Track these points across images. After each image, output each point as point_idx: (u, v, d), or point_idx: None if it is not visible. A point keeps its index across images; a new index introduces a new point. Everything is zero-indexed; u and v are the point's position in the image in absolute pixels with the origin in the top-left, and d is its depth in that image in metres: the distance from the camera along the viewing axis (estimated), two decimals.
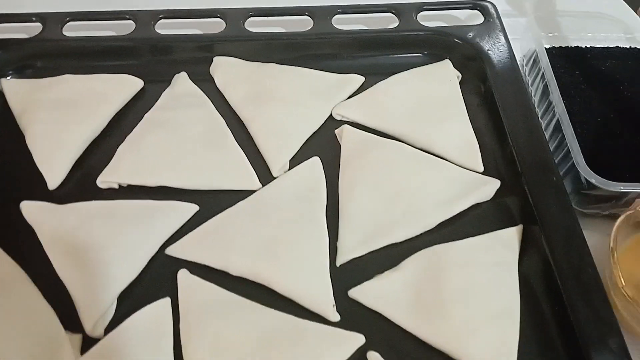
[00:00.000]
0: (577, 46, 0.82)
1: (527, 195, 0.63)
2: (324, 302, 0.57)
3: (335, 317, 0.57)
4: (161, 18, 0.78)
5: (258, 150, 0.70)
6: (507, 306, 0.57)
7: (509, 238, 0.62)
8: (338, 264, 0.61)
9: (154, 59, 0.78)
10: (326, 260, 0.60)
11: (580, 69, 0.79)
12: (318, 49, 0.79)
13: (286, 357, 0.53)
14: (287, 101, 0.72)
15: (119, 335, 0.55)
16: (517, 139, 0.68)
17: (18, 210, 0.62)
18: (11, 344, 0.53)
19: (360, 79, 0.76)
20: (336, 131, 0.72)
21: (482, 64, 0.76)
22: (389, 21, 0.82)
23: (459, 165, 0.68)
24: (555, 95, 0.69)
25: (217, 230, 0.62)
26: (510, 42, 0.78)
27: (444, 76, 0.76)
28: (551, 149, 0.68)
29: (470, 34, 0.79)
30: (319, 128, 0.72)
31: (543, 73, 0.73)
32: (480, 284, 0.58)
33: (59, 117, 0.68)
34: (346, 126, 0.72)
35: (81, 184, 0.66)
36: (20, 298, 0.56)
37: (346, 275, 0.60)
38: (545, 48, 0.76)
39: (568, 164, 0.66)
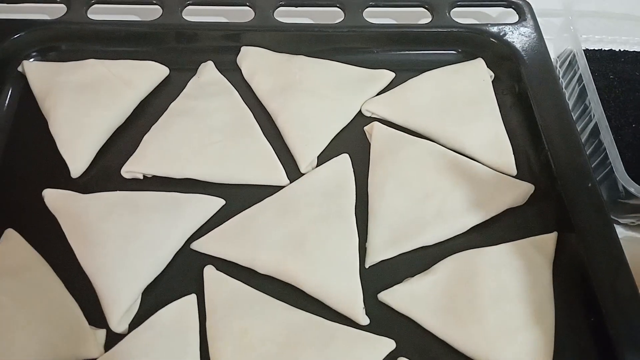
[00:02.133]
0: (611, 49, 0.80)
1: (563, 201, 0.62)
2: (354, 304, 0.56)
3: (365, 320, 0.56)
4: (189, 4, 0.76)
5: (285, 144, 0.68)
6: (541, 315, 0.56)
7: (544, 245, 0.60)
8: (367, 265, 0.60)
9: (180, 46, 0.75)
10: (356, 261, 0.59)
11: (615, 73, 0.77)
12: (348, 43, 0.77)
13: (314, 359, 0.52)
14: (315, 95, 0.70)
15: (145, 332, 0.53)
16: (553, 142, 0.66)
17: (40, 198, 0.61)
18: (34, 337, 0.51)
19: (391, 75, 0.74)
20: (366, 128, 0.70)
21: (516, 63, 0.74)
22: (421, 16, 0.80)
23: (491, 168, 0.67)
24: (593, 98, 0.67)
25: (243, 226, 0.61)
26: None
27: (476, 75, 0.74)
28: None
29: (505, 33, 0.76)
30: (348, 124, 0.70)
31: (579, 75, 0.71)
32: (514, 291, 0.57)
33: (83, 102, 0.66)
34: (376, 123, 0.70)
35: (105, 173, 0.65)
36: (43, 290, 0.55)
37: (375, 278, 0.59)
38: None
39: (604, 171, 0.65)
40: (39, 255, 0.58)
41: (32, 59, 0.73)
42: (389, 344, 0.54)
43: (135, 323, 0.54)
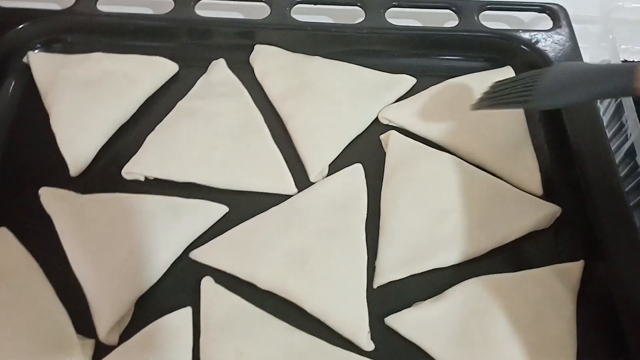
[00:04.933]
0: None
1: (592, 226, 0.57)
2: (358, 327, 0.53)
3: (370, 345, 0.52)
4: None
5: (296, 150, 0.64)
6: (561, 351, 0.51)
7: (568, 274, 0.56)
8: (375, 285, 0.56)
9: (191, 42, 0.73)
10: (363, 281, 0.55)
11: None
12: (368, 45, 0.73)
13: None
14: (330, 99, 0.67)
15: (135, 345, 0.51)
16: (584, 161, 0.61)
17: (36, 196, 0.59)
18: (17, 343, 0.49)
19: (412, 81, 0.70)
20: (382, 136, 0.66)
21: None
22: (447, 18, 0.75)
23: (515, 186, 0.62)
24: (631, 116, 0.62)
25: (246, 237, 0.58)
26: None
27: None
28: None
29: (537, 40, 0.71)
30: (363, 131, 0.67)
31: None
32: (533, 322, 0.52)
33: (87, 98, 0.64)
34: (393, 132, 0.66)
35: (105, 172, 0.62)
36: (31, 293, 0.53)
37: (383, 300, 0.55)
38: None
39: (639, 196, 0.60)
40: (31, 257, 0.55)
41: (37, 50, 0.71)
42: None
43: (126, 335, 0.52)
